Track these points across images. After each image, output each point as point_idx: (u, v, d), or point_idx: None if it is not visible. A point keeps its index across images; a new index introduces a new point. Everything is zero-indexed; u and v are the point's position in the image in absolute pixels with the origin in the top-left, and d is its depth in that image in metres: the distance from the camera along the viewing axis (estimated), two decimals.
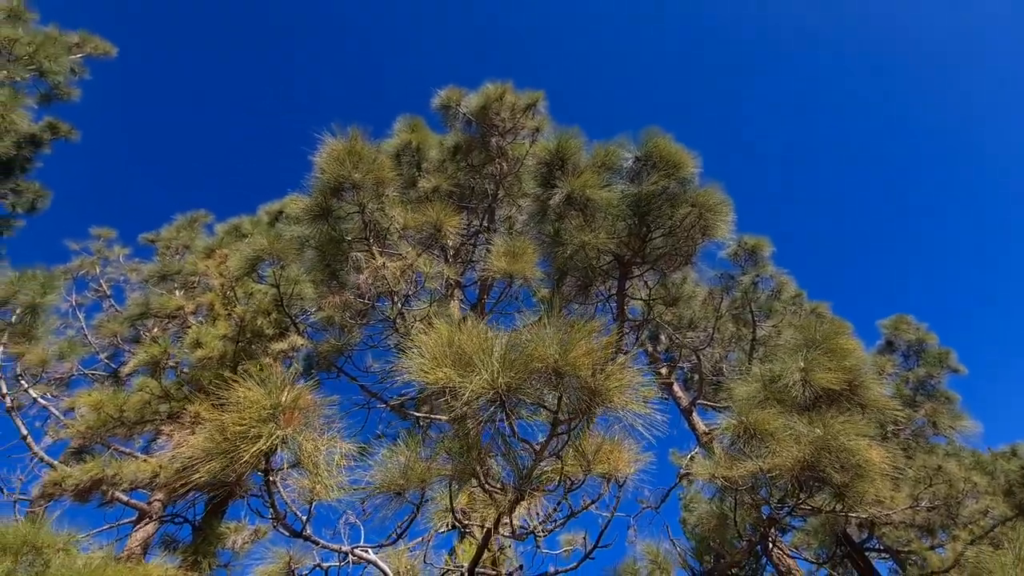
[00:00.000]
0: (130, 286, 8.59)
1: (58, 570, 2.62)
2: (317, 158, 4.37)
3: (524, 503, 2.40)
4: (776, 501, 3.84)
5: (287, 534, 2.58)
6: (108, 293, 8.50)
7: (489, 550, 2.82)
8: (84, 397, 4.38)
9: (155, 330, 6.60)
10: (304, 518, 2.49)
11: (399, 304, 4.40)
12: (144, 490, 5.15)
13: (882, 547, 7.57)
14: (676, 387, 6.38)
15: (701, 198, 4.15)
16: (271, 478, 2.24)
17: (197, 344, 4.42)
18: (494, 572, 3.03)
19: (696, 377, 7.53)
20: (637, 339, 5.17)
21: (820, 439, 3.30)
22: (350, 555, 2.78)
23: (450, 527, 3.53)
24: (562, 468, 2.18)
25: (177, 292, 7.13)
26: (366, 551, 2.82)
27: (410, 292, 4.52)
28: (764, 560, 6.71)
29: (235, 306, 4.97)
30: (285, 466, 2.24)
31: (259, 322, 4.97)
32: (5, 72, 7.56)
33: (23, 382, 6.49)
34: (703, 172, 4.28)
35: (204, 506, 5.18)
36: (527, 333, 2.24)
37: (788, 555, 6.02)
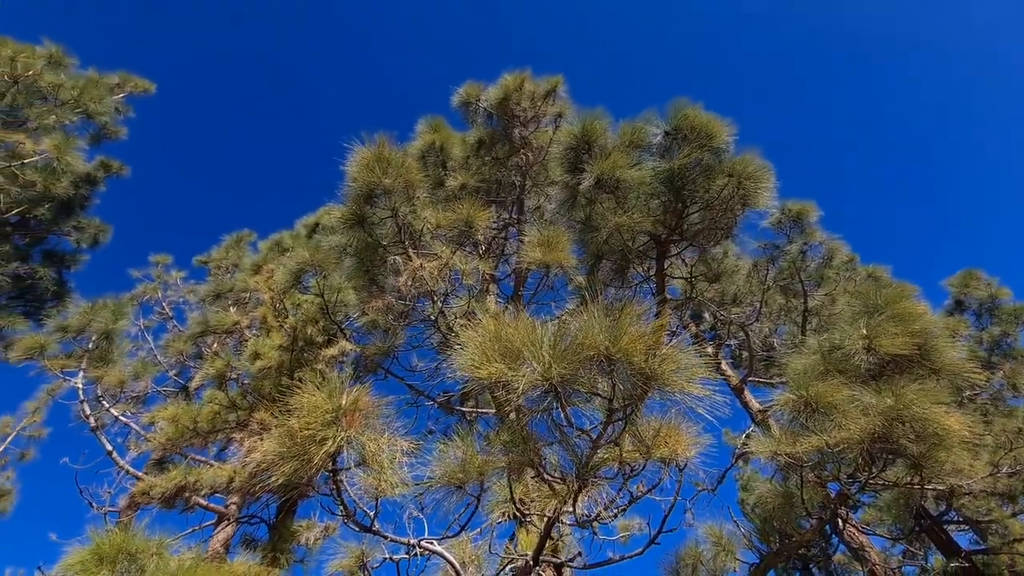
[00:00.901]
0: (189, 307, 9.18)
1: (153, 573, 2.83)
2: (348, 167, 4.48)
3: (584, 491, 2.40)
4: (846, 477, 3.67)
5: (356, 529, 2.70)
6: (170, 315, 9.12)
7: (551, 538, 2.85)
8: (161, 412, 4.73)
9: (215, 346, 7.04)
10: (371, 514, 2.59)
11: (439, 303, 4.47)
12: (221, 494, 5.52)
13: (961, 518, 7.11)
14: (724, 365, 6.17)
15: (738, 167, 3.97)
16: (338, 477, 2.35)
17: (256, 356, 4.68)
18: (557, 560, 3.06)
19: (745, 354, 7.26)
20: (680, 319, 5.04)
21: (891, 409, 3.12)
22: (416, 547, 2.88)
23: (510, 517, 3.58)
24: (620, 455, 2.16)
25: (231, 308, 7.55)
26: (431, 543, 2.91)
27: (448, 290, 4.59)
28: (834, 539, 6.45)
29: (286, 317, 5.22)
30: (350, 465, 2.33)
31: (309, 330, 5.20)
32: (54, 117, 8.16)
33: (104, 403, 7.08)
34: (739, 139, 4.09)
35: (277, 507, 5.52)
36: (574, 322, 2.23)
37: (860, 532, 5.76)
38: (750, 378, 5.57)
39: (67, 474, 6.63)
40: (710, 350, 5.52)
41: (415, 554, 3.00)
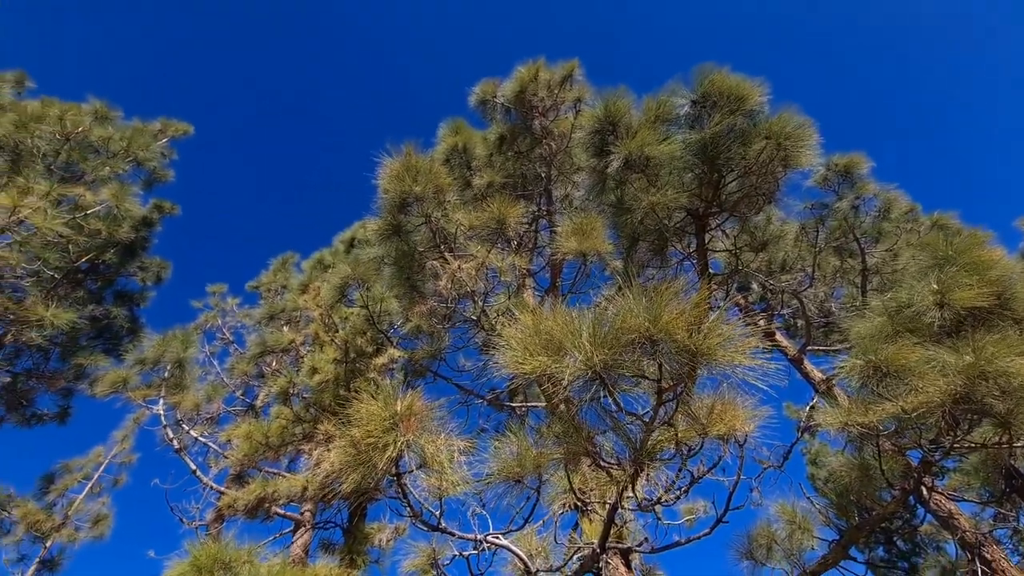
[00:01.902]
0: (246, 330, 9.76)
1: None
2: (379, 180, 4.59)
3: (641, 475, 2.38)
4: (927, 442, 3.44)
5: (425, 529, 2.79)
6: (231, 339, 9.73)
7: (615, 525, 2.84)
8: (235, 430, 5.08)
9: (274, 364, 7.45)
10: (437, 513, 2.68)
11: (479, 303, 4.52)
12: (296, 503, 5.87)
13: None
14: (779, 336, 5.89)
15: (775, 127, 3.76)
16: (403, 480, 2.44)
17: (314, 370, 4.93)
18: (624, 546, 3.05)
19: (800, 322, 6.90)
20: (727, 293, 4.86)
21: (972, 366, 2.89)
22: (483, 542, 2.95)
23: (571, 507, 3.60)
24: (676, 435, 2.12)
25: (285, 328, 7.97)
26: (497, 537, 2.97)
27: (487, 289, 4.63)
28: (919, 509, 6.05)
29: (336, 331, 5.45)
30: (412, 468, 2.41)
31: (358, 341, 5.40)
32: (108, 168, 8.84)
33: (184, 426, 7.66)
34: (773, 99, 3.87)
35: (348, 512, 5.81)
36: (611, 307, 2.20)
37: (947, 499, 5.37)
38: (809, 347, 5.29)
39: (158, 494, 7.24)
40: (762, 322, 5.29)
41: (483, 549, 3.07)
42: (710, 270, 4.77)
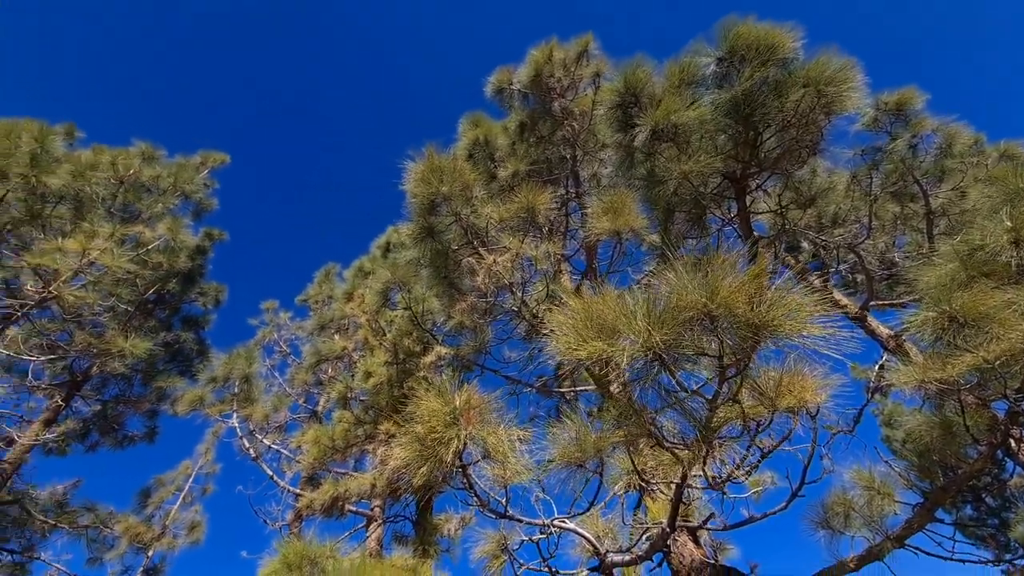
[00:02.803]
0: (300, 341, 10.29)
1: (334, 573, 3.25)
2: (406, 185, 4.67)
3: (709, 454, 2.33)
4: (1013, 392, 3.17)
5: (493, 516, 2.88)
6: (288, 351, 10.30)
7: (684, 503, 2.81)
8: (304, 436, 5.40)
9: (330, 371, 7.82)
10: (503, 500, 2.75)
11: (518, 293, 4.54)
12: (366, 500, 6.19)
13: None
14: (837, 295, 5.54)
15: (813, 73, 3.51)
16: (468, 471, 2.51)
17: (368, 374, 5.15)
18: (694, 524, 3.01)
19: (860, 277, 6.46)
20: (775, 255, 4.63)
21: None
22: (551, 526, 3.00)
23: (634, 488, 3.59)
24: (743, 411, 2.06)
25: (335, 336, 8.33)
26: (563, 521, 3.01)
27: (524, 279, 4.64)
28: (1008, 463, 5.60)
29: (384, 335, 5.64)
30: (476, 459, 2.48)
31: (406, 342, 5.58)
32: (161, 204, 9.48)
33: (257, 435, 8.21)
34: (808, 42, 3.60)
35: (416, 505, 6.07)
36: (663, 285, 2.15)
37: None
38: (872, 303, 4.96)
39: (242, 500, 7.82)
40: (816, 282, 4.99)
41: (550, 533, 3.13)
42: (755, 233, 4.56)
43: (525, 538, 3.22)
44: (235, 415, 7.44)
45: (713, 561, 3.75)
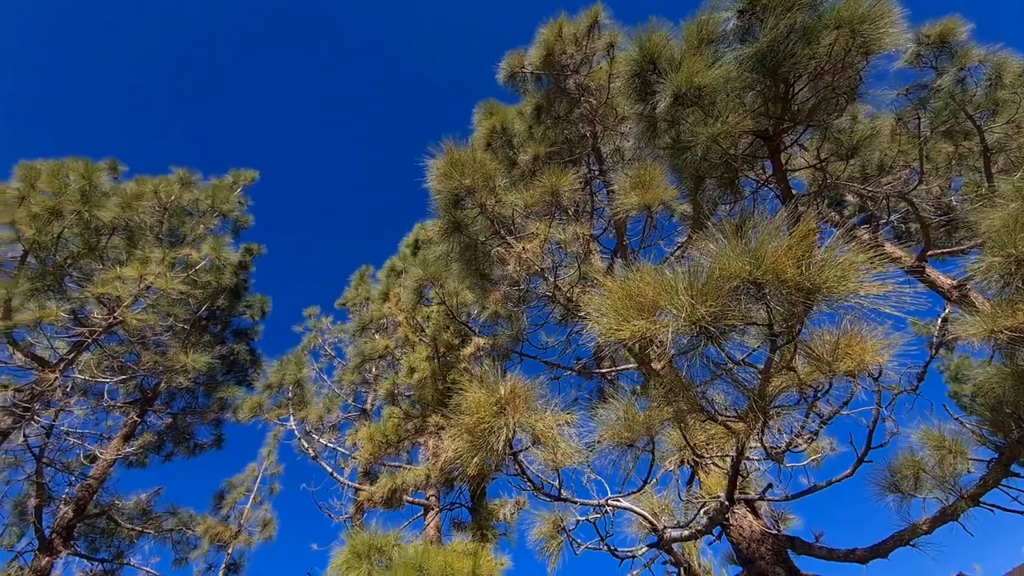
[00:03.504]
0: (343, 344, 10.67)
1: (400, 560, 3.41)
2: (429, 182, 4.71)
3: (765, 424, 2.27)
4: None
5: (547, 499, 2.92)
6: (333, 354, 10.72)
7: (741, 475, 2.76)
8: (359, 433, 5.64)
9: (374, 370, 8.08)
10: (556, 483, 2.79)
11: (551, 278, 4.52)
12: (421, 490, 6.42)
13: None
14: (889, 247, 5.20)
15: (846, 13, 3.26)
16: (519, 457, 2.56)
17: (412, 370, 5.29)
18: (754, 496, 2.96)
19: (914, 226, 6.05)
20: (819, 214, 4.38)
21: None
22: (606, 506, 3.03)
23: (687, 463, 3.56)
24: (798, 378, 1.99)
25: (376, 336, 8.59)
26: (618, 500, 3.03)
27: (555, 263, 4.61)
28: None
29: (422, 331, 5.77)
30: (526, 445, 2.52)
31: (444, 336, 5.69)
32: (202, 226, 9.97)
33: (313, 436, 8.64)
34: None
35: (469, 493, 6.25)
36: (701, 256, 2.09)
37: None
38: (929, 253, 4.63)
39: (307, 496, 8.27)
40: (866, 236, 4.70)
41: (605, 512, 3.15)
42: (794, 192, 4.34)
43: (580, 518, 3.26)
44: (292, 418, 7.85)
45: (775, 532, 3.68)
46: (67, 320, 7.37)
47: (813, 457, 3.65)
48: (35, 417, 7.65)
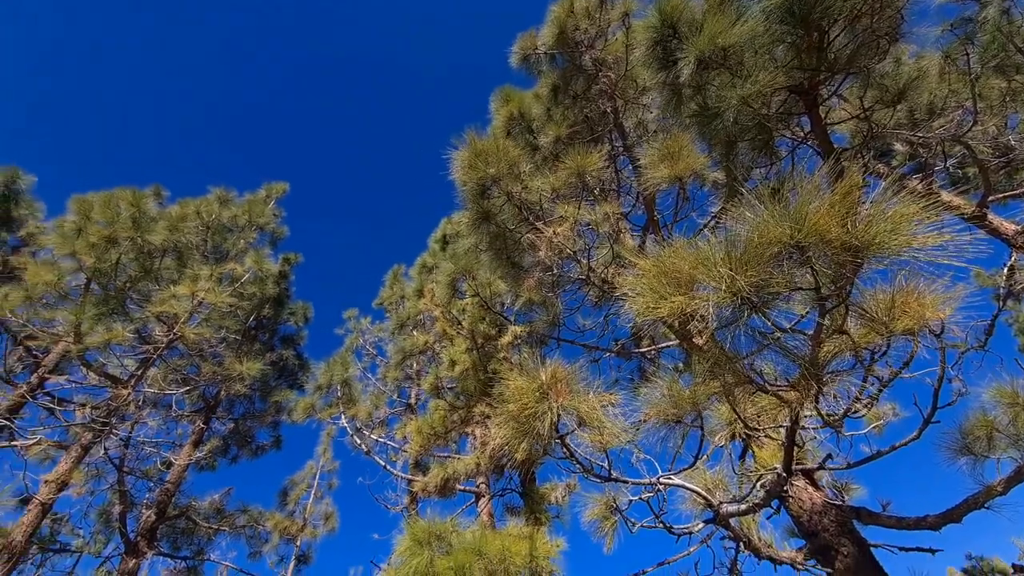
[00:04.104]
0: (383, 342, 11.00)
1: (459, 545, 3.52)
2: (454, 174, 4.73)
3: (819, 391, 2.19)
4: None
5: (598, 481, 2.94)
6: (375, 353, 11.07)
7: (798, 446, 2.69)
8: (408, 427, 5.84)
9: (415, 365, 8.30)
10: (605, 464, 2.80)
11: (583, 260, 4.48)
12: (472, 479, 6.59)
13: None
14: (946, 196, 4.83)
15: None
16: (566, 441, 2.58)
17: (453, 363, 5.41)
18: (813, 466, 2.88)
19: (971, 171, 5.58)
20: (865, 167, 4.13)
21: None
22: (657, 484, 3.01)
23: (738, 437, 3.48)
24: (852, 342, 1.90)
25: (414, 332, 8.80)
26: (669, 478, 3.01)
27: (587, 245, 4.57)
28: None
29: (459, 324, 5.87)
30: (572, 428, 2.53)
31: (481, 328, 5.76)
32: (243, 241, 10.44)
33: (364, 432, 8.99)
34: None
35: (519, 478, 6.38)
36: (739, 225, 2.02)
37: None
38: (990, 197, 4.27)
39: (363, 489, 8.65)
40: (918, 186, 4.38)
41: (658, 491, 3.14)
42: (835, 147, 4.10)
43: (633, 498, 3.26)
44: (343, 416, 8.20)
45: (839, 502, 3.56)
46: (132, 339, 7.93)
47: (874, 424, 3.49)
48: (113, 431, 8.32)
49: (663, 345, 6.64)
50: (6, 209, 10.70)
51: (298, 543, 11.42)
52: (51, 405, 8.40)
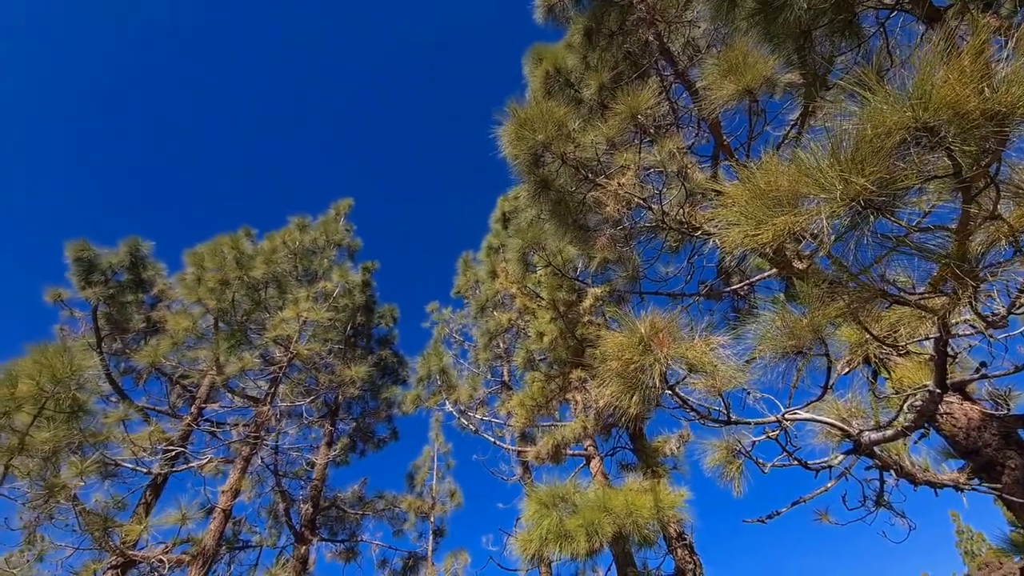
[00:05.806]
0: (467, 327, 11.47)
1: (583, 504, 3.63)
2: (503, 149, 4.68)
3: (966, 293, 1.90)
4: None
5: (716, 425, 2.84)
6: (461, 340, 11.61)
7: (951, 357, 2.38)
8: (510, 401, 6.10)
9: (502, 344, 8.55)
10: (723, 408, 2.69)
11: (655, 205, 4.25)
12: (579, 443, 6.74)
13: None
14: None
15: None
16: (676, 390, 2.51)
17: (541, 335, 5.50)
18: (973, 377, 2.54)
19: None
20: (971, 27, 3.39)
21: None
22: (783, 420, 2.84)
23: (873, 358, 3.16)
24: (1009, 226, 1.61)
25: (495, 312, 9.05)
26: (796, 412, 2.82)
27: (656, 189, 4.32)
28: None
29: (538, 296, 5.92)
30: (681, 376, 2.45)
31: (560, 296, 5.76)
32: (326, 260, 11.32)
33: (469, 413, 9.54)
34: None
35: (628, 435, 6.41)
36: (839, 122, 1.77)
37: None
38: None
39: (478, 466, 9.20)
40: None
41: (784, 428, 2.97)
42: (936, 8, 3.42)
43: (756, 438, 3.12)
44: (447, 402, 8.75)
45: (1003, 412, 3.12)
46: (259, 363, 9.04)
47: None
48: (263, 442, 9.63)
49: (756, 278, 6.17)
50: (137, 274, 12.56)
51: (431, 519, 12.55)
52: (211, 429, 9.91)
